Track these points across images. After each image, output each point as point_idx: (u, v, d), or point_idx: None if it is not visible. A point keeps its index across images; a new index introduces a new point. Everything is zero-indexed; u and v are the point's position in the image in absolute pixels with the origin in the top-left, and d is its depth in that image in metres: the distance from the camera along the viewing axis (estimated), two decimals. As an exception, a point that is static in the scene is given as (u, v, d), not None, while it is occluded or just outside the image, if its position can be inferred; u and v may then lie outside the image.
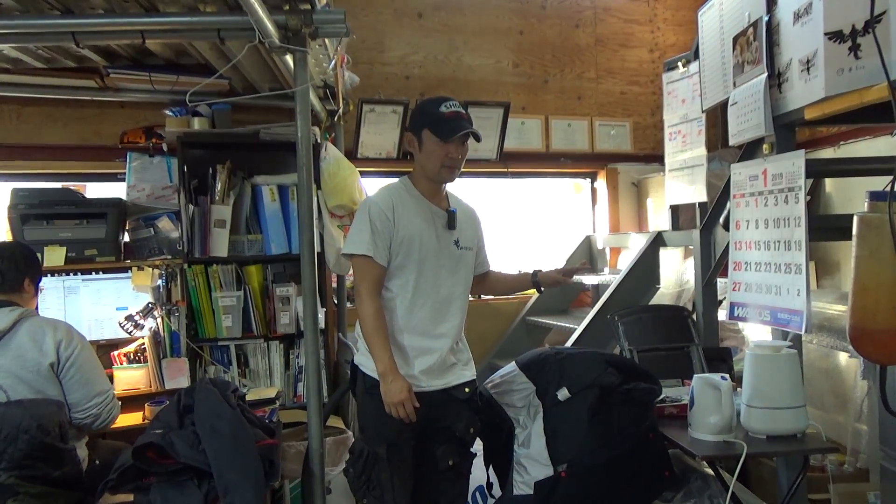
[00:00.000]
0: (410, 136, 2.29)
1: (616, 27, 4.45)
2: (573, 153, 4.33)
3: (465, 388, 2.29)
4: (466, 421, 2.27)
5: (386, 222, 2.18)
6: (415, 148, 2.27)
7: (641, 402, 2.29)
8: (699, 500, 2.29)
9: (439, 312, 2.25)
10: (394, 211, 2.20)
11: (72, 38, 2.26)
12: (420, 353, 2.21)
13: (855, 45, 1.83)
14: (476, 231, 2.46)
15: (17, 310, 2.33)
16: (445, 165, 2.22)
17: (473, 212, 2.48)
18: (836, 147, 3.50)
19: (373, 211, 2.20)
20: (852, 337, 1.61)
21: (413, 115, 2.38)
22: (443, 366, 2.24)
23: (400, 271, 2.21)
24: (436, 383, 2.23)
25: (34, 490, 2.04)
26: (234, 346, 3.20)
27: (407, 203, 2.24)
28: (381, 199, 2.23)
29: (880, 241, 1.50)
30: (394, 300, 2.22)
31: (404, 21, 4.04)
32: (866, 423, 2.69)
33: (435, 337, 2.24)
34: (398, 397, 2.08)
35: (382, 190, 2.31)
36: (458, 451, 2.26)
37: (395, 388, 2.08)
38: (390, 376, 2.10)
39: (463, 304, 2.33)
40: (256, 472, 2.00)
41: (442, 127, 2.19)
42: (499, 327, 4.12)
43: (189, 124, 3.25)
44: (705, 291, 2.95)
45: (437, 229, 2.26)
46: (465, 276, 2.34)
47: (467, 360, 2.36)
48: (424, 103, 2.34)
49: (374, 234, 2.16)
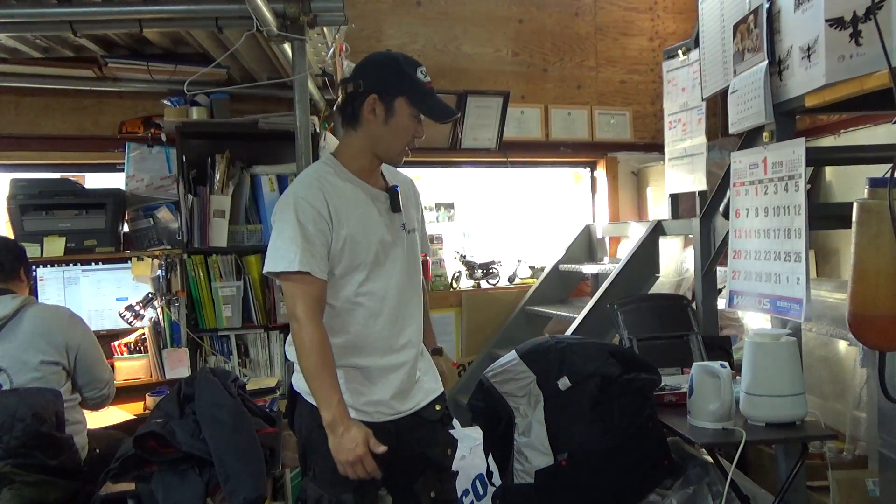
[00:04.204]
0: (375, 99, 1.72)
1: (616, 15, 4.43)
2: (573, 142, 4.32)
3: (436, 405, 1.92)
4: (442, 444, 1.93)
5: (320, 223, 1.70)
6: (375, 116, 1.74)
7: (641, 393, 2.29)
8: (698, 488, 2.30)
9: (399, 319, 1.83)
10: (328, 205, 1.71)
11: (69, 27, 2.26)
12: (384, 373, 1.81)
13: (856, 32, 1.82)
14: (418, 207, 1.99)
15: (18, 297, 2.40)
16: (409, 146, 1.81)
17: (412, 183, 2.01)
18: (836, 135, 3.49)
19: (301, 210, 1.69)
20: (851, 323, 1.61)
21: (379, 72, 1.76)
22: (410, 383, 1.85)
23: (345, 280, 1.76)
24: (404, 408, 1.84)
25: (30, 479, 2.05)
26: (235, 336, 3.20)
27: (340, 192, 1.76)
28: (309, 193, 1.72)
29: (880, 228, 1.50)
30: (342, 317, 1.78)
31: (403, 9, 4.02)
32: (865, 410, 2.70)
33: (399, 350, 1.83)
34: (353, 454, 1.61)
35: (305, 178, 1.79)
36: (437, 479, 1.92)
37: (348, 443, 1.61)
38: (340, 427, 1.62)
39: (420, 300, 1.93)
40: (257, 461, 2.01)
41: (426, 101, 1.76)
42: (498, 316, 4.12)
43: (187, 114, 3.24)
44: (705, 280, 2.95)
45: (382, 217, 1.81)
46: (416, 264, 1.92)
47: (429, 367, 1.97)
48: (397, 60, 1.77)
49: (307, 242, 1.67)
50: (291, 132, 2.48)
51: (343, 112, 1.80)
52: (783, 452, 2.40)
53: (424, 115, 1.78)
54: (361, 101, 1.74)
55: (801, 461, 2.25)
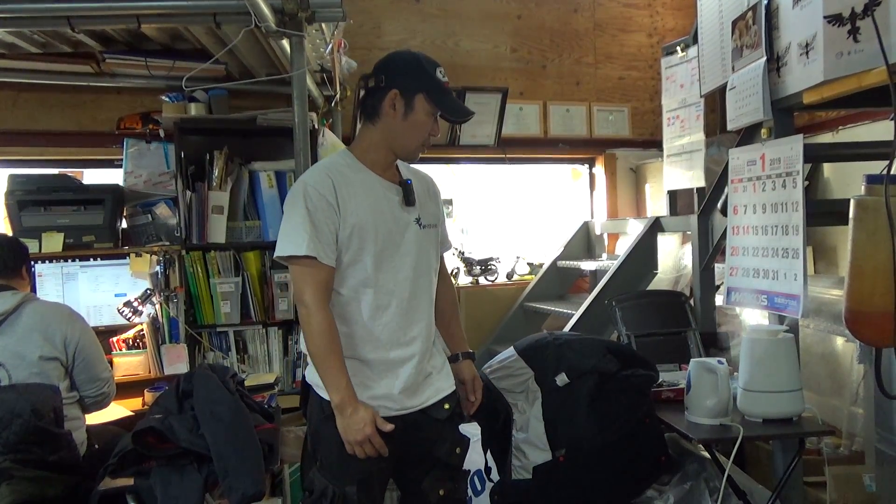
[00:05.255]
0: (396, 94, 1.77)
1: (615, 11, 4.42)
2: (571, 139, 4.32)
3: (445, 404, 1.90)
4: (451, 442, 1.90)
5: (328, 210, 1.73)
6: (395, 111, 1.78)
7: (639, 389, 2.30)
8: (695, 483, 2.31)
9: (408, 312, 1.83)
10: (336, 194, 1.75)
11: (67, 22, 2.25)
12: (391, 367, 1.81)
13: (854, 29, 1.82)
14: (438, 204, 2.01)
15: (18, 293, 2.41)
16: (424, 144, 1.84)
17: (432, 180, 2.03)
18: (834, 132, 3.50)
19: (310, 197, 1.74)
20: (848, 319, 1.62)
21: (402, 69, 1.81)
22: (419, 378, 1.85)
23: (353, 269, 1.78)
24: (412, 403, 1.83)
25: (29, 474, 2.05)
26: (233, 332, 3.20)
27: (351, 181, 1.79)
28: (318, 182, 1.77)
29: (877, 224, 1.50)
30: (349, 306, 1.79)
31: (402, 5, 4.02)
32: (862, 406, 2.70)
33: (406, 344, 1.83)
34: (361, 434, 1.68)
35: (316, 168, 1.86)
36: (448, 477, 1.90)
37: (356, 423, 1.68)
38: (349, 408, 1.68)
39: (433, 296, 1.93)
40: (256, 457, 2.01)
41: (444, 100, 1.80)
42: (497, 313, 4.12)
43: (186, 110, 3.24)
44: (703, 276, 2.95)
45: (393, 209, 1.83)
46: (432, 260, 1.92)
47: (442, 364, 1.95)
48: (419, 59, 1.82)
49: (314, 228, 1.71)
50: (290, 128, 2.48)
51: (363, 106, 1.84)
52: (780, 448, 2.41)
53: (443, 112, 1.81)
54: (382, 96, 1.78)
55: (797, 457, 2.26)
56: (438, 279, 2.00)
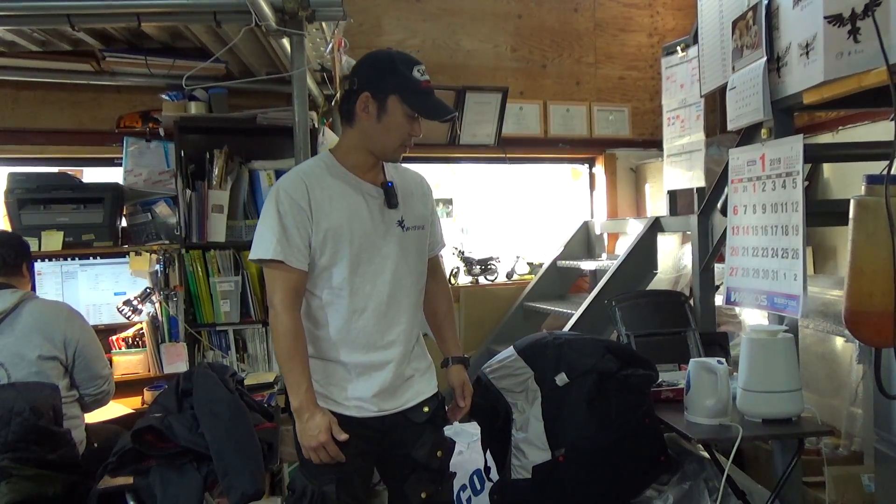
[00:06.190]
0: (367, 97, 1.74)
1: (615, 11, 4.42)
2: (571, 138, 4.32)
3: (424, 407, 1.88)
4: (431, 445, 1.88)
5: (300, 214, 1.73)
6: (368, 114, 1.75)
7: (639, 389, 2.30)
8: (695, 483, 2.31)
9: (385, 316, 1.82)
10: (308, 198, 1.74)
11: (67, 20, 2.25)
12: (366, 371, 1.80)
13: (854, 29, 1.82)
14: (426, 205, 1.95)
15: (18, 292, 2.41)
16: (405, 144, 1.80)
17: (422, 180, 1.99)
18: (834, 132, 3.50)
19: (282, 202, 1.73)
20: (848, 320, 1.61)
21: (373, 70, 1.77)
22: (397, 381, 1.84)
23: (328, 273, 1.78)
24: (389, 406, 1.83)
25: (28, 473, 2.05)
26: (233, 330, 3.20)
27: (327, 185, 1.78)
28: (291, 186, 1.76)
29: (877, 225, 1.50)
30: (325, 309, 1.80)
31: (402, 4, 4.02)
32: (861, 406, 2.71)
33: (383, 348, 1.82)
34: (315, 441, 1.69)
35: (293, 172, 1.84)
36: (430, 479, 1.88)
37: (312, 429, 1.69)
38: (306, 413, 1.70)
39: (416, 300, 1.91)
40: (255, 455, 2.01)
41: (420, 100, 1.76)
42: (496, 312, 4.12)
43: (186, 109, 3.24)
44: (703, 276, 2.95)
45: (372, 212, 1.81)
46: (416, 263, 1.89)
47: (427, 367, 1.94)
48: (392, 58, 1.77)
49: (284, 232, 1.72)
50: (290, 127, 2.48)
51: (340, 109, 1.85)
52: (779, 448, 2.41)
53: (418, 113, 1.77)
54: (355, 99, 1.76)
55: (797, 457, 2.26)
56: (432, 280, 1.99)
